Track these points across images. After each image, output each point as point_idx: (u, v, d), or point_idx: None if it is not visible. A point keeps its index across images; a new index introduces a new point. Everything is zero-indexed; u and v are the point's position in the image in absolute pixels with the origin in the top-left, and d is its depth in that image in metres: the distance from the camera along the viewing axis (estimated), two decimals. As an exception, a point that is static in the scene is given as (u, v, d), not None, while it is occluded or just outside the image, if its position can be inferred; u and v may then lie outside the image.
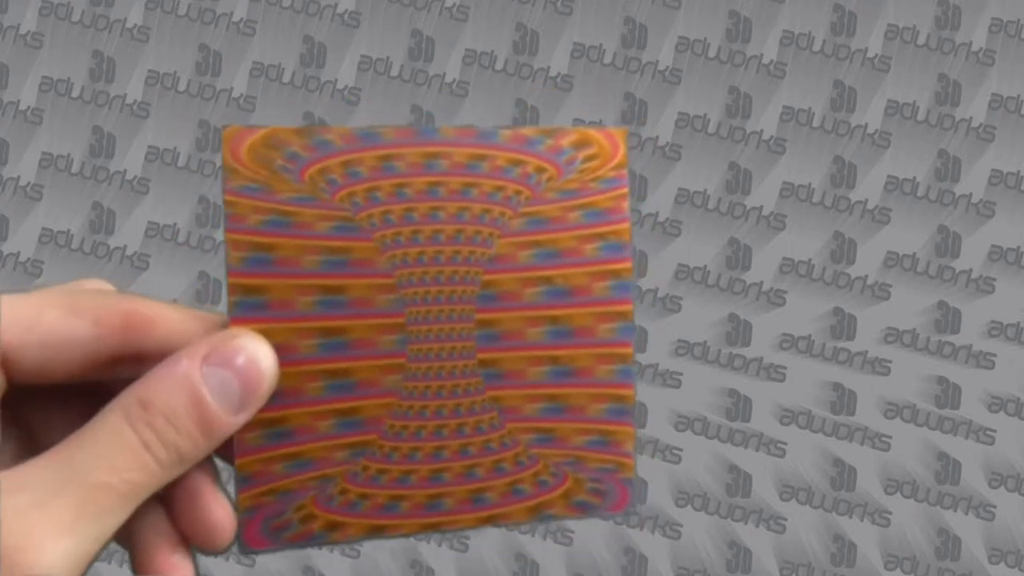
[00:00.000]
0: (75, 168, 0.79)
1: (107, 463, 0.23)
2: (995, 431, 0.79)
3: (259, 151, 0.27)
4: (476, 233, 0.29)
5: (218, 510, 0.26)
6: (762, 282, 0.79)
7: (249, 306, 0.27)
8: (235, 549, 0.27)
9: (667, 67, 0.79)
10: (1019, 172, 0.79)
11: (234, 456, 0.27)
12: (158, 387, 0.24)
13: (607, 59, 0.79)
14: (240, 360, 0.25)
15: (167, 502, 0.26)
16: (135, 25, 0.79)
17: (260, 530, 0.27)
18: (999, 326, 0.79)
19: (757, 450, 0.79)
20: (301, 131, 0.28)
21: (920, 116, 0.79)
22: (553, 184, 0.29)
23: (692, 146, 0.79)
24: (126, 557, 0.28)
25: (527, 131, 0.29)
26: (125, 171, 0.79)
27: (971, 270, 0.79)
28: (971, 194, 0.79)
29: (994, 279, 0.79)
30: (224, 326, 0.26)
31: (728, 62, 0.79)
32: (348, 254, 0.28)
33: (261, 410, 0.26)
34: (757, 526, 0.78)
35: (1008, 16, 0.79)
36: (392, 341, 0.28)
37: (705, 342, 0.79)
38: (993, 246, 0.79)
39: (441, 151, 0.29)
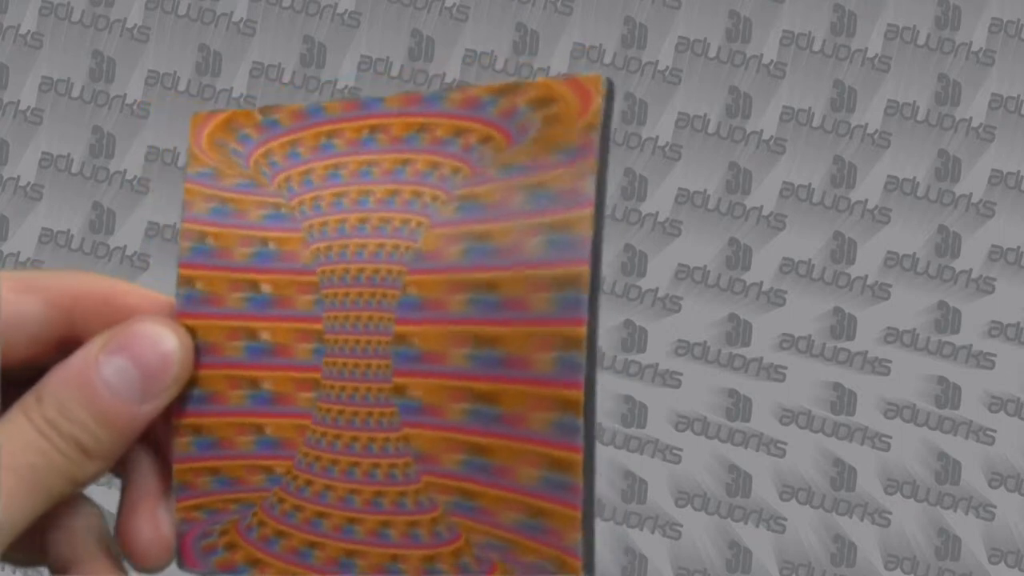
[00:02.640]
0: (75, 168, 0.79)
1: (7, 448, 0.22)
2: (995, 431, 0.79)
3: (217, 135, 0.25)
4: (404, 223, 0.23)
5: (148, 531, 0.24)
6: (762, 282, 0.79)
7: (188, 299, 0.24)
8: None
9: (667, 67, 0.79)
10: (1019, 172, 0.79)
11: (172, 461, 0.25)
12: (52, 380, 0.23)
13: (607, 59, 0.79)
14: (139, 346, 0.23)
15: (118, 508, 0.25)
16: (135, 25, 0.79)
17: (192, 548, 0.24)
18: (999, 326, 0.79)
19: (757, 450, 0.79)
20: (257, 111, 0.25)
21: (920, 116, 0.79)
22: (498, 157, 0.22)
23: (692, 146, 0.79)
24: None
25: (478, 91, 0.22)
26: (125, 171, 0.79)
27: (971, 270, 0.79)
28: (971, 194, 0.79)
29: (994, 279, 0.79)
30: None
31: (728, 62, 0.79)
32: (278, 246, 0.24)
33: (189, 414, 0.24)
34: (757, 526, 0.78)
35: (1008, 16, 0.79)
36: (309, 351, 0.23)
37: (705, 342, 0.79)
38: (993, 246, 0.79)
39: (381, 123, 0.23)
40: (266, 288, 0.24)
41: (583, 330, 0.20)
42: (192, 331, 0.24)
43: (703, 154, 0.79)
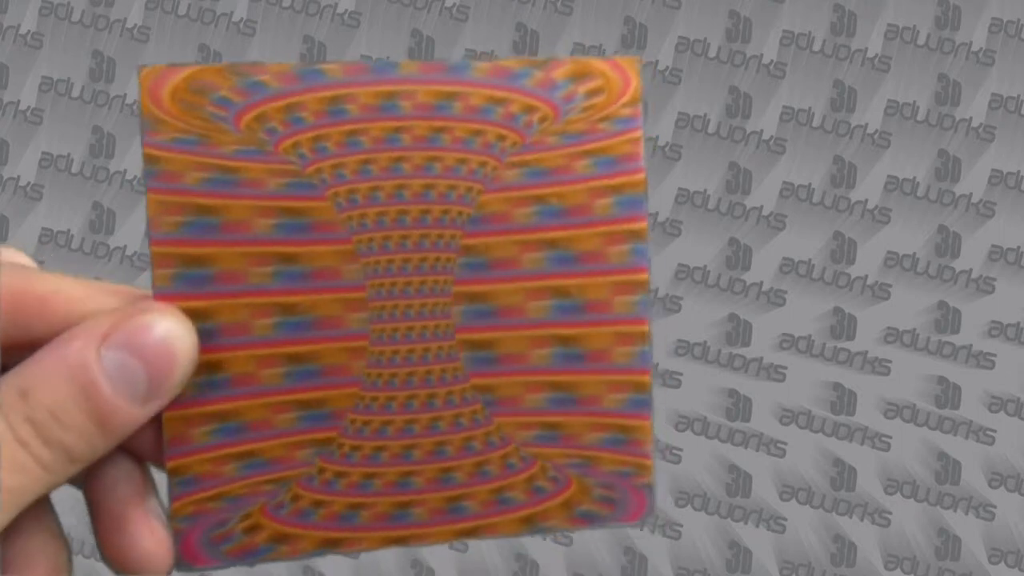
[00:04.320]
0: (75, 168, 0.79)
1: None
2: (995, 431, 0.79)
3: (184, 96, 0.23)
4: (450, 188, 0.24)
5: (147, 539, 0.22)
6: (762, 282, 0.79)
7: (191, 279, 0.22)
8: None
9: (667, 67, 0.79)
10: (1019, 172, 0.79)
11: (165, 455, 0.23)
12: (42, 373, 0.20)
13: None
14: (148, 340, 0.21)
15: (93, 522, 0.22)
16: (135, 25, 0.79)
17: (200, 542, 0.23)
18: (999, 326, 0.79)
19: (757, 450, 0.79)
20: (227, 69, 0.23)
21: (920, 116, 0.79)
22: (550, 126, 0.24)
23: (692, 146, 0.79)
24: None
25: (509, 62, 0.24)
26: (125, 171, 0.79)
27: (971, 270, 0.79)
28: (971, 194, 0.79)
29: (994, 279, 0.79)
30: None
31: (728, 62, 0.79)
32: (305, 215, 0.23)
33: (207, 401, 0.23)
34: (757, 526, 0.78)
35: (1008, 16, 0.79)
36: (354, 319, 0.23)
37: (705, 342, 0.79)
38: (993, 246, 0.79)
39: (401, 90, 0.23)
40: (299, 259, 0.23)
41: (648, 276, 0.25)
42: (202, 313, 0.23)
43: (703, 154, 0.79)
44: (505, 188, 0.24)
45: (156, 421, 0.23)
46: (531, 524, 0.24)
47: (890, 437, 0.79)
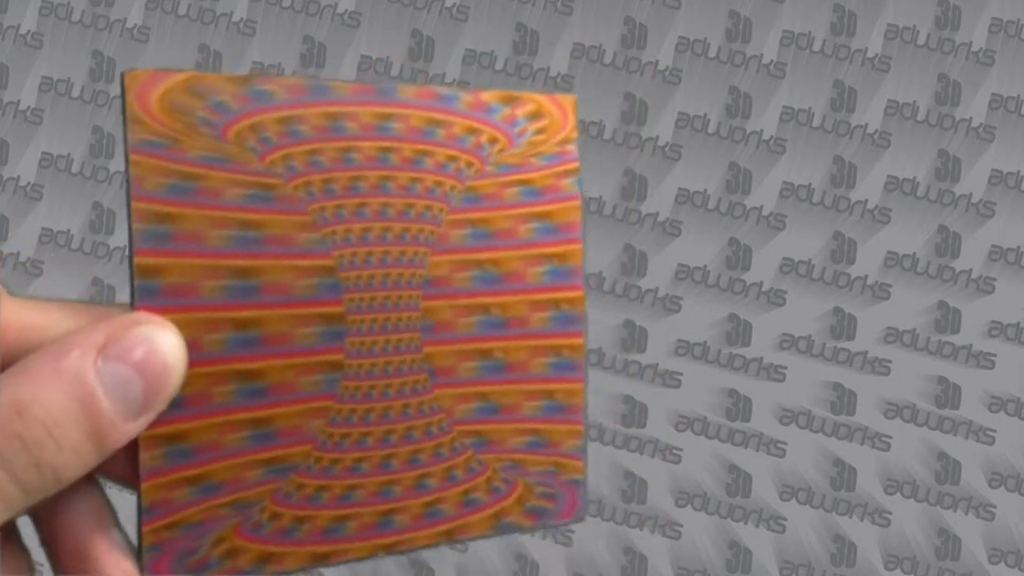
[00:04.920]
0: (75, 168, 0.79)
1: None
2: (995, 431, 0.79)
3: (177, 98, 0.22)
4: (427, 209, 0.25)
5: (114, 571, 0.21)
6: (762, 282, 0.79)
7: (146, 291, 0.21)
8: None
9: (667, 67, 0.79)
10: (1019, 172, 0.79)
11: (140, 478, 0.21)
12: (39, 386, 0.18)
13: (607, 59, 0.79)
14: (144, 352, 0.19)
15: (51, 557, 0.21)
16: (135, 25, 0.79)
17: (172, 569, 0.22)
18: (999, 326, 0.79)
19: (757, 450, 0.79)
20: (235, 79, 0.23)
21: (920, 116, 0.79)
22: (500, 156, 0.26)
23: (692, 146, 0.79)
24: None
25: (488, 96, 0.26)
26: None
27: (971, 270, 0.79)
28: (971, 194, 0.79)
29: (994, 279, 0.79)
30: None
31: (728, 62, 0.79)
32: (265, 229, 0.23)
33: (159, 423, 0.21)
34: (757, 526, 0.78)
35: (1008, 16, 0.79)
36: (326, 334, 0.23)
37: (705, 342, 0.79)
38: (993, 246, 0.79)
39: (397, 112, 0.24)
40: (251, 274, 0.22)
41: (577, 295, 0.27)
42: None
43: (703, 154, 0.79)
44: (455, 211, 0.26)
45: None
46: (497, 522, 0.26)
47: (890, 437, 0.79)
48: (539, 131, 0.27)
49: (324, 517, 0.23)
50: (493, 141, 0.26)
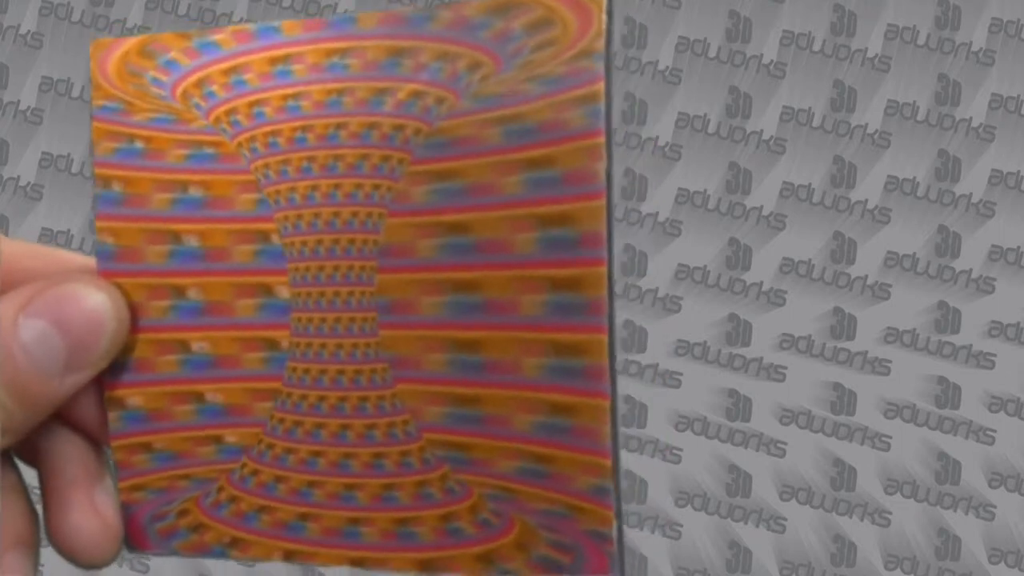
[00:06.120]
0: (75, 168, 0.79)
1: None
2: (995, 431, 0.79)
3: (132, 61, 0.21)
4: (384, 160, 0.20)
5: (92, 523, 0.21)
6: (762, 282, 0.79)
7: (102, 255, 0.21)
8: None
9: (667, 67, 0.79)
10: (1019, 172, 0.79)
11: (108, 432, 0.22)
12: None
13: (607, 59, 0.79)
14: (65, 309, 0.19)
15: (43, 502, 0.22)
16: (135, 25, 0.79)
17: (145, 530, 0.22)
18: (999, 326, 0.79)
19: (757, 450, 0.78)
20: (185, 34, 0.21)
21: (920, 116, 0.79)
22: (482, 86, 0.20)
23: (692, 146, 0.79)
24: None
25: (472, 9, 0.20)
26: (125, 171, 0.79)
27: (971, 270, 0.79)
28: (971, 194, 0.79)
29: (994, 279, 0.79)
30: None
31: (728, 62, 0.79)
32: (206, 190, 0.21)
33: (113, 385, 0.21)
34: (757, 526, 0.78)
35: (1008, 16, 0.79)
36: (269, 307, 0.21)
37: (705, 342, 0.79)
38: (993, 246, 0.79)
39: (352, 47, 0.20)
40: (193, 240, 0.21)
41: (600, 269, 0.19)
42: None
43: (703, 154, 0.79)
44: (417, 161, 0.20)
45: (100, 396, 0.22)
46: (491, 565, 0.20)
47: (890, 437, 0.79)
48: (541, 45, 0.19)
49: (284, 512, 0.21)
50: (475, 66, 0.20)
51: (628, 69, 0.79)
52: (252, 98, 0.21)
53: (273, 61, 0.21)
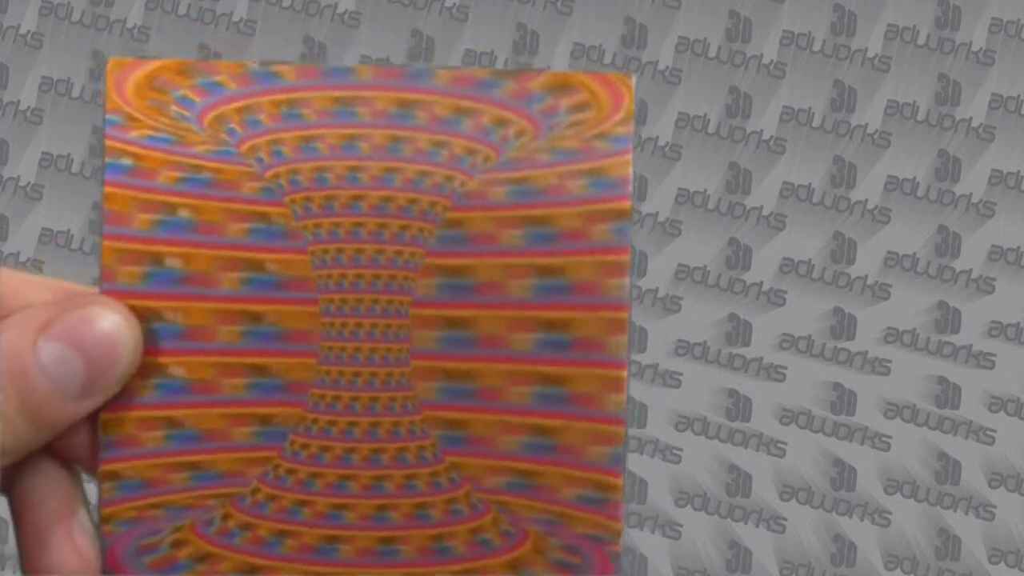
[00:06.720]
0: (75, 168, 0.79)
1: None
2: (995, 431, 0.79)
3: (149, 93, 0.22)
4: (410, 203, 0.22)
5: (72, 560, 0.21)
6: (762, 282, 0.79)
7: (157, 279, 0.22)
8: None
9: (667, 67, 0.79)
10: (1019, 172, 0.79)
11: (101, 457, 0.21)
12: None
13: (607, 59, 0.79)
14: (89, 333, 0.20)
15: (16, 534, 0.21)
16: (135, 25, 0.79)
17: (128, 550, 0.22)
18: (999, 326, 0.79)
19: (757, 450, 0.78)
20: (186, 68, 0.22)
21: (920, 116, 0.79)
22: (530, 142, 0.22)
23: (692, 146, 0.79)
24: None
25: (474, 72, 0.22)
26: (125, 171, 0.79)
27: (971, 270, 0.79)
28: (971, 194, 0.79)
29: (994, 279, 0.79)
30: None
31: (728, 62, 0.79)
32: (270, 222, 0.22)
33: (165, 405, 0.22)
34: (757, 526, 0.78)
35: (1008, 16, 0.79)
36: (310, 335, 0.22)
37: (705, 342, 0.79)
38: (993, 246, 0.79)
39: (356, 96, 0.22)
40: (263, 267, 0.22)
41: (626, 313, 0.22)
42: (153, 313, 0.22)
43: (703, 154, 0.79)
44: (481, 207, 0.22)
45: (91, 423, 0.22)
46: (518, 571, 0.22)
47: (890, 437, 0.79)
48: (577, 107, 0.22)
49: (264, 528, 0.22)
50: (502, 123, 0.22)
51: (628, 69, 0.79)
52: (268, 137, 0.22)
53: (278, 104, 0.22)
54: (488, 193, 0.22)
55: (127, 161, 0.21)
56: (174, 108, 0.22)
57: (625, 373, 0.22)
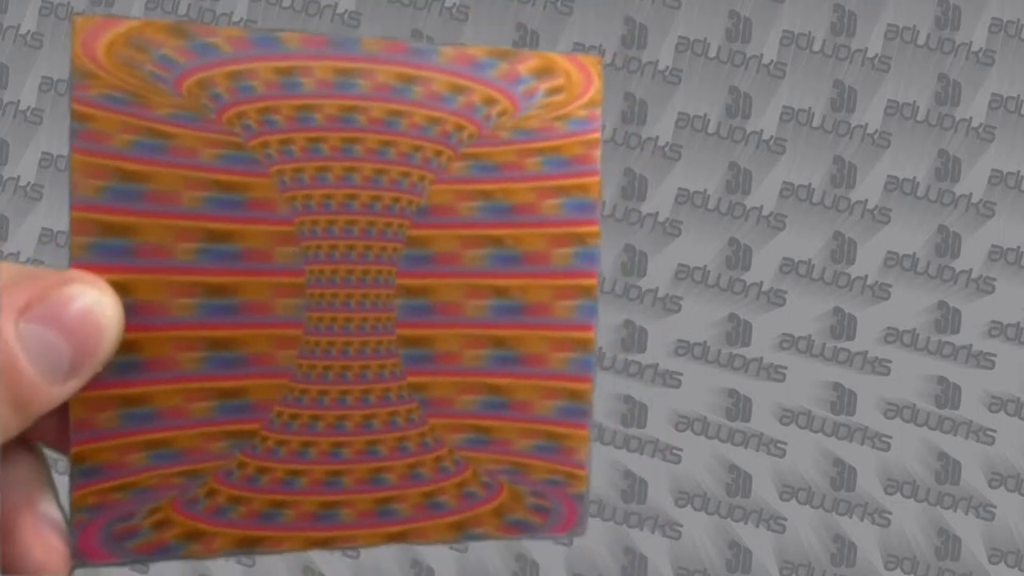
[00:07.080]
0: (75, 168, 0.79)
1: None
2: (995, 431, 0.79)
3: (122, 51, 0.21)
4: (403, 176, 0.22)
5: (38, 550, 0.20)
6: (762, 282, 0.79)
7: (109, 250, 0.21)
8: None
9: (667, 67, 0.79)
10: (1019, 172, 0.79)
11: (70, 440, 0.21)
12: None
13: (607, 59, 0.79)
14: (71, 312, 0.19)
15: None
16: (135, 25, 0.79)
17: (100, 536, 0.21)
18: (999, 326, 0.79)
19: (757, 450, 0.78)
20: (176, 28, 0.21)
21: (920, 116, 0.79)
22: (507, 120, 0.23)
23: (692, 146, 0.79)
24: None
25: (475, 51, 0.23)
26: (125, 171, 0.79)
27: (971, 270, 0.79)
28: (971, 194, 0.79)
29: (994, 279, 0.79)
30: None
31: (728, 62, 0.79)
32: (243, 191, 0.21)
33: (119, 383, 0.21)
34: (757, 526, 0.78)
35: (1008, 16, 0.79)
36: (288, 306, 0.22)
37: (705, 342, 0.79)
38: (993, 246, 0.79)
39: (360, 68, 0.22)
40: (231, 237, 0.21)
41: (596, 281, 0.24)
42: (120, 287, 0.21)
43: (703, 154, 0.79)
44: (454, 180, 0.23)
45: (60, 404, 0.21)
46: (461, 530, 0.23)
47: (890, 437, 0.79)
48: (553, 90, 0.23)
49: (259, 501, 0.22)
50: (490, 102, 0.23)
51: (628, 69, 0.79)
52: (260, 104, 0.22)
53: (277, 71, 0.22)
54: (452, 168, 0.23)
55: (77, 123, 0.20)
56: (149, 67, 0.21)
57: (580, 333, 0.24)
